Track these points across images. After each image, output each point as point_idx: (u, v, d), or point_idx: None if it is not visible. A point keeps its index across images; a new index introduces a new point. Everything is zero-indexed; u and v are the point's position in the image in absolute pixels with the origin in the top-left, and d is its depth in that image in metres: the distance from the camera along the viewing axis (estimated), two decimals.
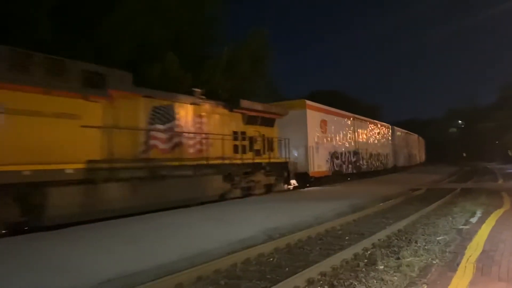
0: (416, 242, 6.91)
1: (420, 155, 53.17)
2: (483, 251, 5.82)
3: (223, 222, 8.77)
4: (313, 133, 19.03)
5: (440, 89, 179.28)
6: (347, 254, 6.05)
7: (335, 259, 5.73)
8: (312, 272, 5.11)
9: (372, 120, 30.00)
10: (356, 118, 25.88)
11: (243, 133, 13.91)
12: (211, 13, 23.11)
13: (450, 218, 9.35)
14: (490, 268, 4.98)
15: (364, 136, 27.13)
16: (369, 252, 6.38)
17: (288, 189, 17.03)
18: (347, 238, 7.73)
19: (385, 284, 4.75)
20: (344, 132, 23.34)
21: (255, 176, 14.13)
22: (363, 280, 4.91)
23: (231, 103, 13.60)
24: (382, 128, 32.16)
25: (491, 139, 67.91)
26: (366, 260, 5.88)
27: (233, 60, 23.67)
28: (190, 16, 21.12)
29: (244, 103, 13.81)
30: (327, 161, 20.22)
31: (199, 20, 22.07)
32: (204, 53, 23.00)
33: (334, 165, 21.14)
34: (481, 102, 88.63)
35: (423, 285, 4.49)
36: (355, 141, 24.94)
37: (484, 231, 7.37)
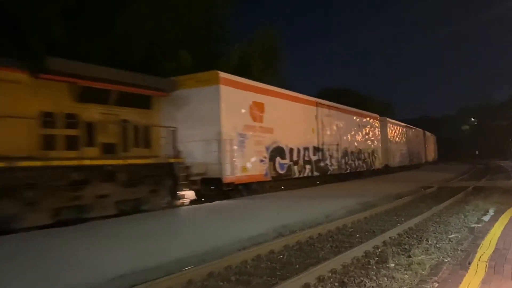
0: (427, 240, 6.87)
1: (428, 153, 48.37)
2: (496, 250, 5.77)
3: (233, 219, 8.82)
4: (234, 120, 13.19)
5: (453, 86, 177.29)
6: (357, 252, 6.05)
7: (346, 257, 5.73)
8: (323, 269, 5.11)
9: (350, 109, 23.53)
10: (322, 104, 19.46)
11: (72, 115, 8.79)
12: (223, 11, 23.17)
13: (462, 216, 9.27)
14: (502, 266, 4.93)
15: (334, 128, 20.68)
16: (380, 250, 6.36)
17: (177, 205, 11.00)
18: (357, 236, 7.72)
19: (396, 282, 4.74)
20: (300, 122, 17.28)
21: (92, 188, 8.76)
22: (374, 278, 4.90)
23: (33, 62, 8.39)
24: (366, 120, 25.66)
25: (505, 137, 66.93)
26: (377, 258, 5.86)
27: (244, 58, 23.72)
28: (202, 15, 21.19)
29: (70, 65, 8.65)
30: (262, 160, 14.35)
31: (211, 18, 22.15)
32: (216, 51, 23.09)
33: (277, 166, 15.29)
34: (495, 100, 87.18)
35: (434, 283, 4.47)
36: (318, 134, 18.72)
37: (497, 229, 7.29)
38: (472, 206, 10.73)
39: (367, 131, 25.33)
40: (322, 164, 18.86)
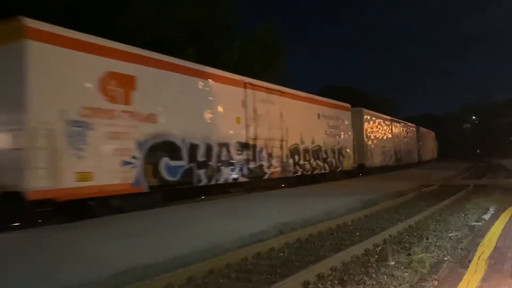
0: (427, 238, 6.88)
1: (424, 151, 43.35)
2: (496, 248, 5.78)
3: (234, 216, 8.84)
4: (62, 100, 8.30)
5: (455, 84, 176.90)
6: (357, 249, 6.06)
7: (346, 255, 5.74)
8: (322, 267, 5.13)
9: (306, 95, 18.04)
10: (254, 86, 14.26)
11: None
12: (225, 7, 23.16)
13: (463, 215, 9.27)
14: (502, 265, 4.94)
15: (278, 119, 15.24)
16: (380, 248, 6.37)
17: None
18: (358, 233, 7.73)
19: (396, 280, 4.75)
20: (213, 108, 12.34)
21: None
22: (374, 276, 4.92)
23: None
24: (332, 110, 19.97)
25: (506, 135, 66.86)
26: (376, 256, 5.88)
27: (245, 54, 23.71)
28: (204, 10, 21.18)
29: None
30: (127, 163, 9.41)
31: (212, 14, 22.13)
32: (217, 47, 23.08)
33: (163, 170, 10.39)
34: (496, 98, 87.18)
35: (434, 281, 4.48)
36: (248, 126, 13.71)
37: (497, 228, 7.30)
38: (473, 204, 10.73)
39: (332, 124, 19.66)
40: (253, 165, 13.71)
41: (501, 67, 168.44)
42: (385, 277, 4.88)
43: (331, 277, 4.97)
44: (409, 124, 37.96)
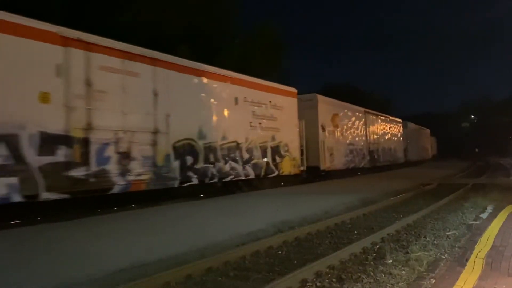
0: (425, 236, 6.91)
1: (414, 150, 38.22)
2: (493, 247, 5.80)
3: (233, 214, 8.85)
4: None
5: (453, 83, 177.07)
6: (355, 248, 6.08)
7: (344, 253, 5.77)
8: (321, 265, 5.15)
9: (183, 63, 11.68)
10: (86, 42, 8.89)
11: None
12: (225, 5, 23.15)
13: (461, 214, 9.30)
14: (499, 263, 4.96)
15: (113, 99, 9.37)
16: (378, 246, 6.39)
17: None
18: (356, 232, 7.75)
19: (393, 278, 4.78)
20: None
21: None
22: (371, 274, 4.94)
23: None
24: (262, 94, 14.77)
25: (505, 134, 66.95)
26: (374, 254, 5.90)
27: (245, 52, 23.70)
28: (204, 8, 21.17)
29: None
30: None
31: (212, 12, 22.12)
32: (217, 46, 23.08)
33: None
34: (495, 97, 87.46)
35: (431, 279, 4.50)
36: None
37: (495, 226, 7.32)
38: (471, 203, 10.77)
39: (262, 113, 14.52)
40: (80, 173, 8.52)
41: (500, 66, 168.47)
42: (383, 275, 4.90)
43: (329, 275, 4.99)
44: (393, 118, 31.67)
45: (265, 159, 14.43)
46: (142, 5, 18.41)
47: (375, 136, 26.47)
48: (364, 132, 24.37)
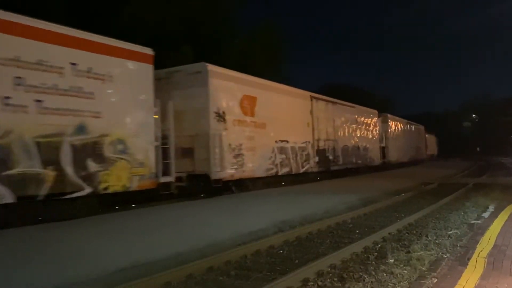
0: (427, 236, 6.89)
1: (401, 149, 32.62)
2: (495, 246, 5.78)
3: (234, 214, 8.85)
4: None
5: (454, 83, 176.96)
6: (357, 247, 6.07)
7: (345, 252, 5.75)
8: (322, 264, 5.13)
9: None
10: None
11: None
12: (226, 5, 23.16)
13: (462, 213, 9.28)
14: (501, 262, 4.95)
15: None
16: (379, 245, 6.38)
17: None
18: (357, 231, 7.73)
19: (395, 278, 4.76)
20: None
21: None
22: (373, 273, 4.92)
23: None
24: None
25: (506, 134, 66.86)
26: (376, 254, 5.89)
27: (245, 52, 23.70)
28: (205, 8, 21.17)
29: None
30: None
31: (213, 12, 22.12)
32: (218, 45, 23.07)
33: None
34: (496, 96, 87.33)
35: (433, 279, 4.49)
36: None
37: (497, 225, 7.31)
38: (472, 202, 10.74)
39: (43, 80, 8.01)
40: None
41: (501, 65, 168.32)
42: (384, 274, 4.89)
43: (331, 274, 4.97)
44: (363, 108, 25.11)
45: (50, 168, 7.97)
46: (143, 4, 18.41)
47: (330, 130, 19.55)
48: (311, 125, 17.77)
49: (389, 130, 29.50)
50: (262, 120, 14.31)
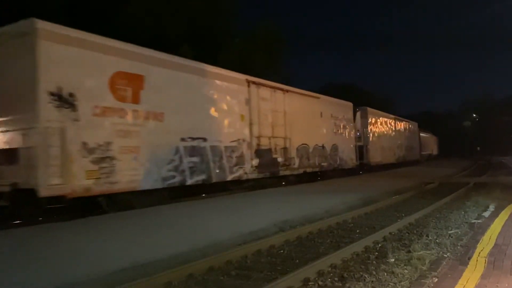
0: (427, 235, 6.89)
1: (391, 149, 28.96)
2: (496, 245, 5.78)
3: (234, 214, 8.85)
4: None
5: (454, 82, 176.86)
6: (357, 247, 6.07)
7: (346, 252, 5.75)
8: (323, 264, 5.13)
9: None
10: None
11: None
12: (225, 5, 23.16)
13: (463, 212, 9.29)
14: (502, 262, 4.95)
15: None
16: (380, 245, 6.38)
17: None
18: (358, 231, 7.74)
19: (396, 277, 4.76)
20: None
21: None
22: (374, 273, 4.92)
23: None
24: None
25: (507, 133, 66.83)
26: (376, 253, 5.89)
27: (245, 52, 23.70)
28: (205, 8, 21.17)
29: None
30: None
31: (213, 12, 22.12)
32: (218, 45, 23.08)
33: None
34: (497, 96, 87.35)
35: (434, 278, 4.49)
36: None
37: (497, 225, 7.31)
38: (473, 202, 10.75)
39: None
40: None
41: (501, 64, 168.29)
42: (385, 274, 4.89)
43: (331, 274, 4.98)
44: (336, 100, 20.98)
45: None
46: (143, 4, 18.42)
47: (279, 126, 15.23)
48: (247, 118, 13.66)
49: (371, 127, 24.98)
50: (156, 109, 10.09)
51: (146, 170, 9.65)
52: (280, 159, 15.06)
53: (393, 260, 5.45)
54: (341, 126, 20.70)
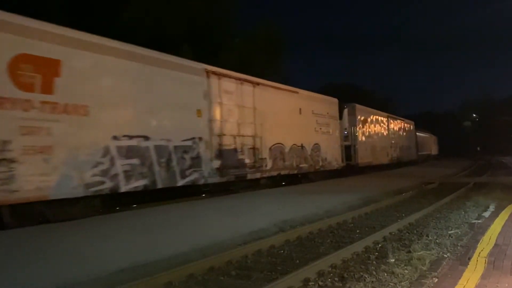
0: (427, 235, 6.89)
1: (387, 148, 27.80)
2: (496, 245, 5.78)
3: (234, 214, 8.85)
4: None
5: (455, 82, 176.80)
6: (358, 247, 6.07)
7: (346, 252, 5.75)
8: (323, 264, 5.14)
9: None
10: None
11: None
12: (225, 5, 23.16)
13: (463, 212, 9.29)
14: (502, 262, 4.95)
15: None
16: (380, 245, 6.38)
17: None
18: (358, 231, 7.74)
19: (396, 277, 4.77)
20: None
21: None
22: (374, 273, 4.93)
23: None
24: None
25: (507, 133, 66.84)
26: (377, 253, 5.89)
27: (245, 52, 23.69)
28: (204, 8, 21.16)
29: None
30: None
31: (212, 12, 22.11)
32: (218, 45, 23.07)
33: None
34: (497, 96, 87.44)
35: (434, 278, 4.49)
36: None
37: (497, 225, 7.31)
38: (473, 202, 10.74)
39: None
40: None
41: (502, 64, 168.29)
42: (385, 274, 4.89)
43: (331, 274, 4.98)
44: (318, 96, 19.20)
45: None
46: (143, 5, 18.42)
47: (247, 123, 13.52)
48: (205, 113, 11.77)
49: (360, 125, 23.07)
50: (78, 100, 8.45)
51: (61, 175, 7.96)
52: (248, 161, 13.39)
53: (393, 260, 5.45)
54: (325, 124, 18.91)
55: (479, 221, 7.91)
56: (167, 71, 10.63)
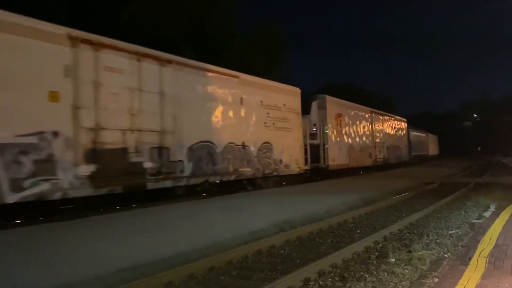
0: (428, 235, 6.89)
1: (370, 148, 24.90)
2: (496, 245, 5.78)
3: (235, 214, 8.85)
4: None
5: (455, 82, 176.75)
6: (358, 247, 6.07)
7: (346, 252, 5.75)
8: (323, 264, 5.14)
9: None
10: None
11: None
12: (225, 5, 23.17)
13: (463, 212, 9.28)
14: (502, 262, 4.94)
15: None
16: (380, 245, 6.38)
17: None
18: (358, 231, 7.73)
19: (396, 277, 4.76)
20: None
21: None
22: (374, 273, 4.92)
23: None
24: None
25: (507, 133, 66.83)
26: (377, 253, 5.89)
27: (245, 52, 23.69)
28: (205, 8, 21.16)
29: None
30: None
31: (213, 12, 22.11)
32: (218, 45, 23.07)
33: None
34: (497, 96, 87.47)
35: (434, 278, 4.49)
36: None
37: (498, 225, 7.30)
38: (473, 202, 10.73)
39: None
40: None
41: (502, 64, 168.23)
42: (386, 274, 4.89)
43: (332, 274, 4.98)
44: (272, 84, 15.70)
45: None
46: (143, 4, 18.43)
47: (150, 114, 10.21)
48: (69, 97, 8.45)
49: (332, 121, 19.75)
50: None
51: None
52: (149, 165, 10.03)
53: (393, 260, 5.45)
54: (281, 119, 15.47)
55: (479, 221, 7.91)
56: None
